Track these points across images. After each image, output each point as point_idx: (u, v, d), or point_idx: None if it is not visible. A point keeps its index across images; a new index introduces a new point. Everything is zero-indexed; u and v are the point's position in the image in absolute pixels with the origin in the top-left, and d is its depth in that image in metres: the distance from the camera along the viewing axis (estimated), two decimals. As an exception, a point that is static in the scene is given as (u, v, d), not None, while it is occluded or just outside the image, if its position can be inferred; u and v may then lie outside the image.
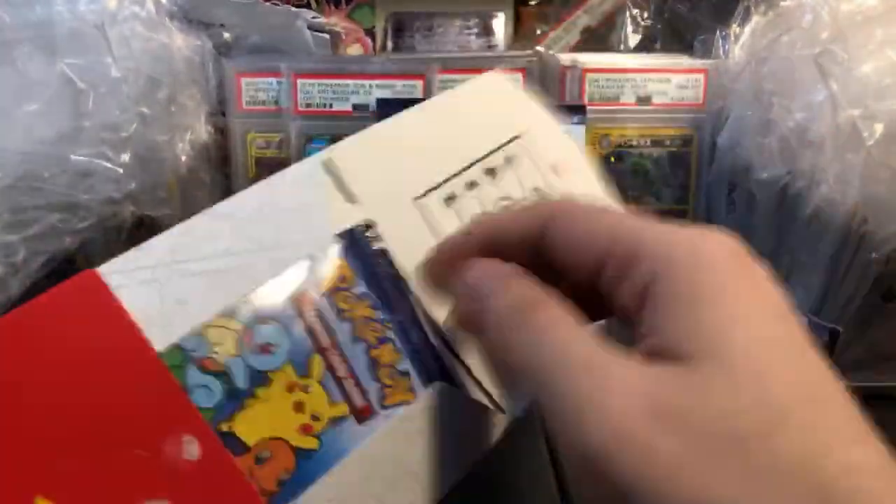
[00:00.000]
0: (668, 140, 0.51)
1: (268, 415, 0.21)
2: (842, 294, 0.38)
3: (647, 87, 0.50)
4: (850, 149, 0.35)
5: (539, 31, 0.61)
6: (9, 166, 0.34)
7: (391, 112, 0.27)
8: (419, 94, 0.48)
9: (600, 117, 0.50)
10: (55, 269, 0.37)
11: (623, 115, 0.50)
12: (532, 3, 0.61)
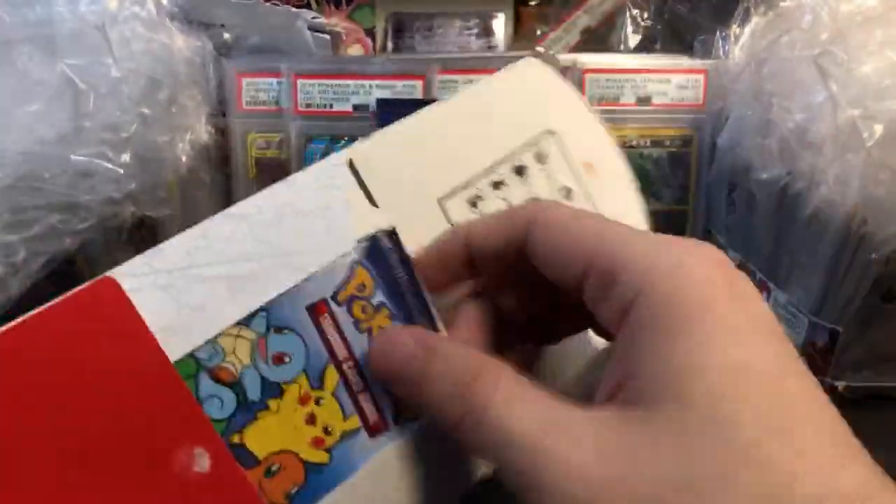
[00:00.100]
0: (668, 140, 0.51)
1: (279, 427, 0.21)
2: (842, 295, 0.38)
3: (647, 87, 0.50)
4: (850, 149, 0.35)
5: (539, 32, 0.61)
6: (9, 166, 0.34)
7: (391, 112, 0.26)
8: (419, 95, 0.48)
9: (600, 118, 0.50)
10: (55, 270, 0.37)
11: (623, 116, 0.50)
12: (532, 3, 0.61)
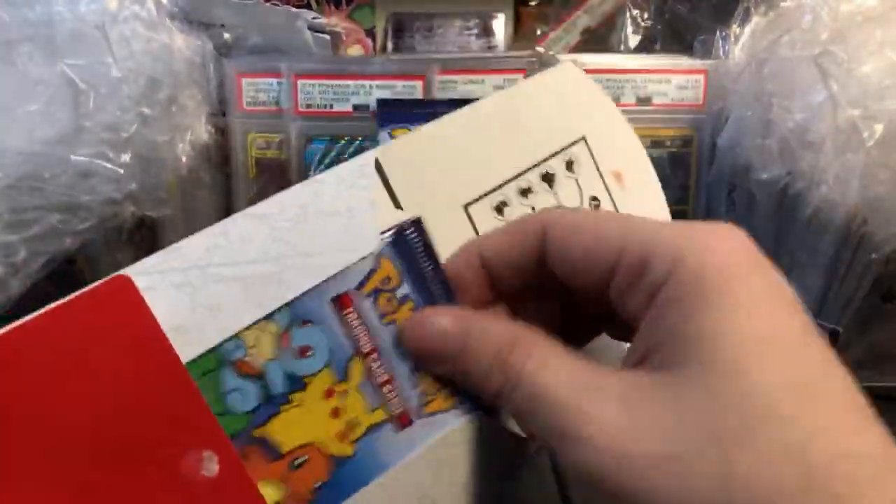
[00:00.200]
0: (668, 141, 0.51)
1: (304, 420, 0.21)
2: (842, 294, 0.38)
3: (647, 87, 0.50)
4: (850, 149, 0.35)
5: (539, 32, 0.61)
6: (9, 166, 0.34)
7: (391, 112, 0.26)
8: (419, 95, 0.48)
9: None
10: (55, 270, 0.37)
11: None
12: (532, 3, 0.61)
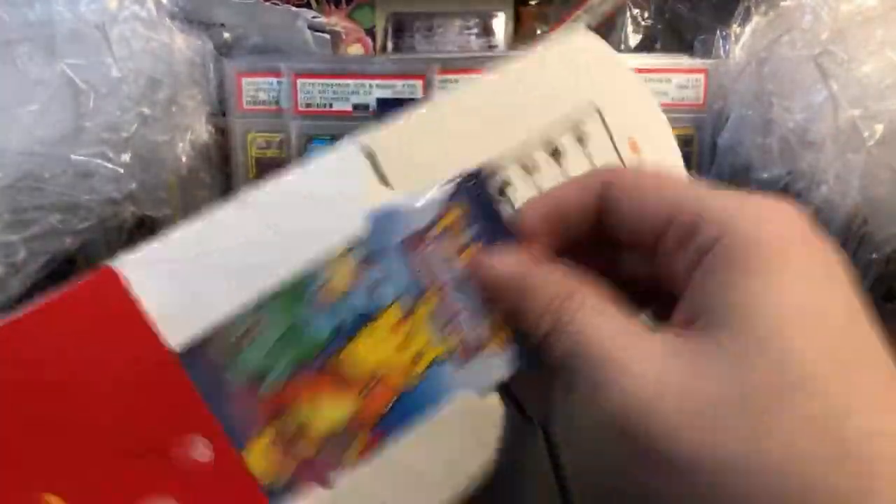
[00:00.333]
0: (669, 140, 0.51)
1: (373, 352, 0.21)
2: (842, 294, 0.38)
3: (648, 87, 0.50)
4: (851, 149, 0.35)
5: (539, 32, 0.61)
6: (9, 166, 0.34)
7: (391, 112, 0.26)
8: (419, 94, 0.48)
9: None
10: (55, 270, 0.37)
11: (623, 116, 0.50)
12: (532, 3, 0.61)
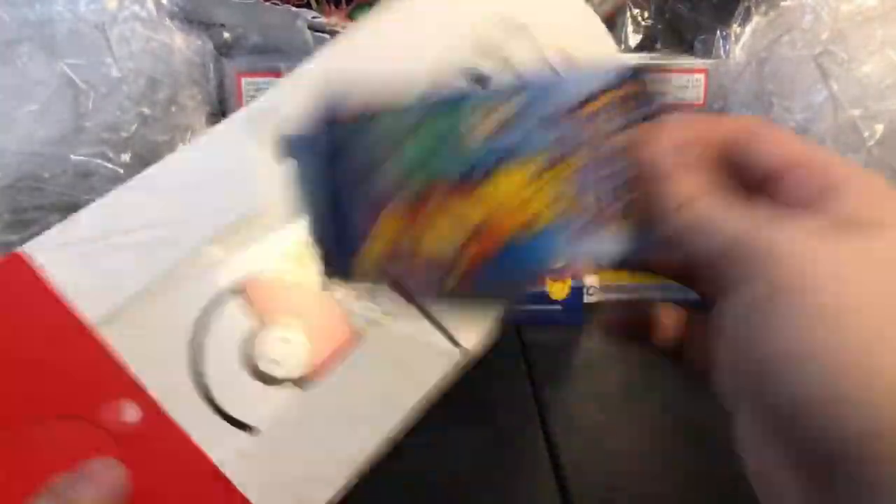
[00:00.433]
0: (669, 140, 0.51)
1: (497, 198, 0.21)
2: (842, 294, 0.38)
3: None
4: (851, 149, 0.35)
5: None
6: (9, 166, 0.34)
7: None
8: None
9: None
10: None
11: (623, 116, 0.50)
12: (532, 3, 0.61)
